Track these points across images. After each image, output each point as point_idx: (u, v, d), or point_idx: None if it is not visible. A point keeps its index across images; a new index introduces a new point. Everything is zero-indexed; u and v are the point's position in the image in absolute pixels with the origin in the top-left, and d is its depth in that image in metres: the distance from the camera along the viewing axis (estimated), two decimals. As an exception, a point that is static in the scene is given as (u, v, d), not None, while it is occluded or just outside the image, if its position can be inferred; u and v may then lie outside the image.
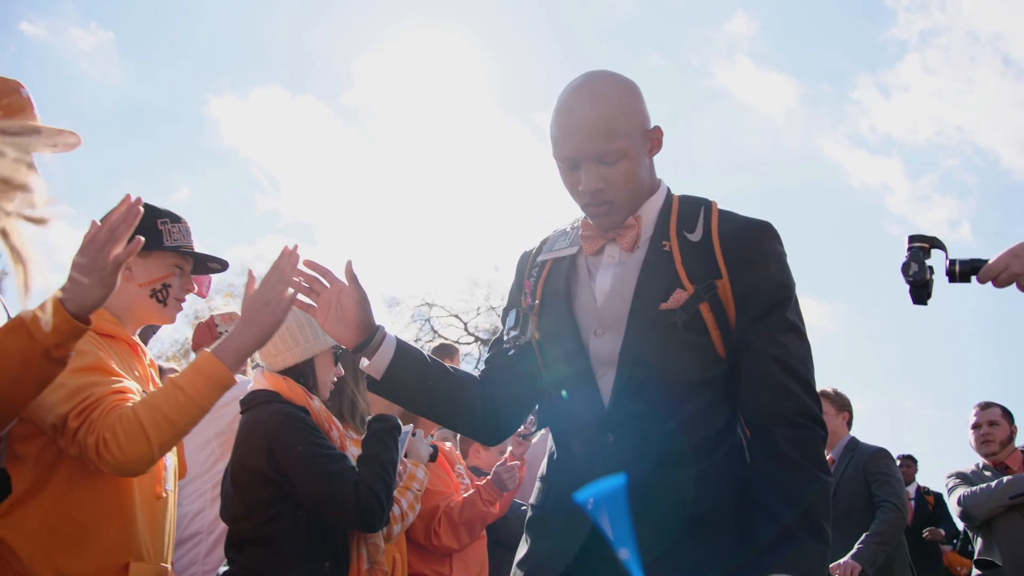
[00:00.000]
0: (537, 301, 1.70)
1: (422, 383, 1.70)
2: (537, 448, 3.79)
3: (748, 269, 1.53)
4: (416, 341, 19.93)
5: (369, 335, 1.68)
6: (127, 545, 1.79)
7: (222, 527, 2.82)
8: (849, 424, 4.31)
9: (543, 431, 3.63)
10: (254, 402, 2.27)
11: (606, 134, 1.54)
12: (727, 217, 1.60)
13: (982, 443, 3.95)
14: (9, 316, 1.85)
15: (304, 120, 26.88)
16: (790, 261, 1.60)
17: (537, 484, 1.73)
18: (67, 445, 1.70)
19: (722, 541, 1.49)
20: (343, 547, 2.24)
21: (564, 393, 1.64)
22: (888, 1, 25.26)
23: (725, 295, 1.53)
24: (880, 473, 4.06)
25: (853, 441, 4.24)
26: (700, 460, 1.52)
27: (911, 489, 6.66)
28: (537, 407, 1.79)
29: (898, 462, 6.75)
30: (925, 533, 6.07)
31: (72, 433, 1.68)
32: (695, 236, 1.58)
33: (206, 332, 3.25)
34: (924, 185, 25.04)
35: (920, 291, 1.85)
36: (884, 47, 25.51)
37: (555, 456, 1.69)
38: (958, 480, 3.95)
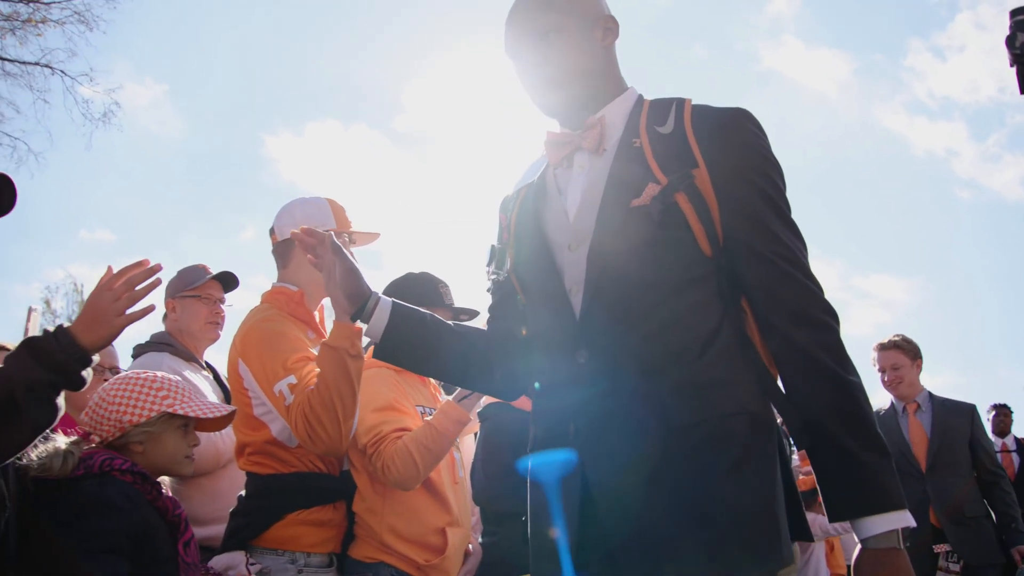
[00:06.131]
0: (512, 233, 1.65)
1: (423, 340, 1.66)
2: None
3: (727, 156, 1.44)
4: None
5: (363, 303, 1.68)
6: (441, 515, 2.48)
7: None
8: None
9: None
10: (492, 411, 3.00)
11: (541, 9, 1.55)
12: (701, 108, 1.51)
13: None
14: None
15: (359, 149, 27.72)
16: (867, 236, 1.61)
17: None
18: (367, 464, 2.42)
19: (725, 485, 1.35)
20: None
21: (540, 319, 1.58)
22: (933, -39, 24.63)
23: (704, 185, 1.43)
24: (983, 435, 4.31)
25: (931, 394, 4.38)
26: (685, 365, 1.40)
27: (1008, 440, 6.67)
28: None
29: (993, 412, 7.06)
30: None
31: (369, 457, 2.40)
32: (666, 128, 1.49)
33: None
34: (992, 145, 24.28)
35: None
36: (934, 9, 24.94)
37: (535, 390, 1.62)
38: None
